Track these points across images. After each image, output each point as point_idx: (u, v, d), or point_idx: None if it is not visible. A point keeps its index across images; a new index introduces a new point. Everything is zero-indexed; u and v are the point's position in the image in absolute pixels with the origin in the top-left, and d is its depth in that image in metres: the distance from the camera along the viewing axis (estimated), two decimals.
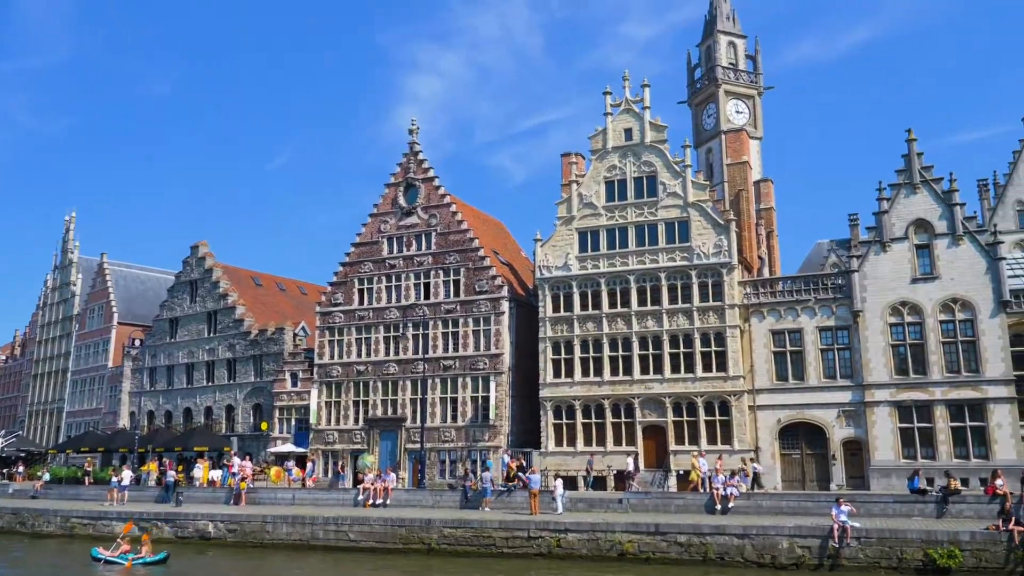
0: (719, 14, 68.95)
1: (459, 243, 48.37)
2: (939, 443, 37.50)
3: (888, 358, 39.19)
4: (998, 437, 36.62)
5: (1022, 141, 63.24)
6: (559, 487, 33.92)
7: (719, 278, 42.33)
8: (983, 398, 37.28)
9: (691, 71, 70.68)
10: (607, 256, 44.63)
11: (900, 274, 39.88)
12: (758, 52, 68.82)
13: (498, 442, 44.57)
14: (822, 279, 42.27)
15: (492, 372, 45.67)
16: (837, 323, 40.55)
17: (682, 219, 43.69)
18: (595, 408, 43.39)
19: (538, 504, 33.31)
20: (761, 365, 41.32)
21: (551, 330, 44.88)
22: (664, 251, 43.58)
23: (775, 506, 32.06)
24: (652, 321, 43.06)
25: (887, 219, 40.62)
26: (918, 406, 38.21)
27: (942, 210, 39.79)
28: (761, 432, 40.61)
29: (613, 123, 46.28)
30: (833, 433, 39.46)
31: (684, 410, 41.79)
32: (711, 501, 32.37)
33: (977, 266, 38.77)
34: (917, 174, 40.56)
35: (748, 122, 65.53)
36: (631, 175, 45.20)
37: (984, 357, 37.69)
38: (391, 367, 48.29)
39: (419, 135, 51.76)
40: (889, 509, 30.21)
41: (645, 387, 42.53)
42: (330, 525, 34.04)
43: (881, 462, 37.93)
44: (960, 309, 38.64)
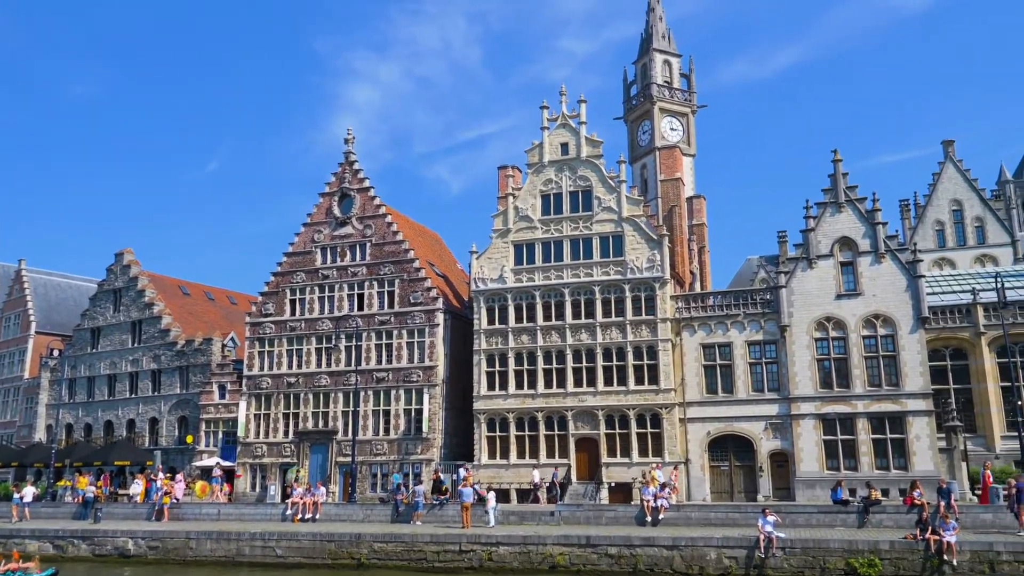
0: (655, 33, 70.19)
1: (394, 254, 47.98)
2: (861, 455, 38.59)
3: (814, 372, 40.21)
4: (917, 449, 37.86)
5: (941, 164, 66.17)
6: (491, 500, 33.77)
7: (652, 292, 42.88)
8: (903, 411, 38.51)
9: (627, 88, 71.73)
10: (542, 269, 44.82)
11: (825, 290, 41.01)
12: (692, 71, 70.25)
13: (431, 455, 44.21)
14: (751, 294, 43.19)
15: (426, 384, 45.33)
16: (765, 337, 41.46)
17: (617, 234, 44.18)
18: (529, 421, 43.42)
19: (470, 517, 33.09)
20: (692, 378, 41.95)
21: (486, 342, 44.79)
22: (599, 265, 43.97)
23: (704, 517, 32.44)
24: (586, 334, 43.35)
25: (814, 237, 41.78)
26: (842, 419, 39.29)
27: (866, 229, 41.10)
28: (691, 444, 41.18)
29: (550, 137, 46.62)
30: (761, 445, 40.26)
31: (616, 422, 42.12)
32: (642, 513, 32.58)
33: (898, 283, 40.10)
34: (842, 194, 41.85)
35: (682, 139, 66.75)
36: (567, 189, 45.55)
37: (904, 371, 38.97)
38: (323, 379, 47.52)
39: (355, 145, 51.32)
40: (813, 519, 30.85)
41: (579, 400, 42.74)
42: (256, 541, 33.14)
43: (806, 473, 38.83)
44: (882, 325, 39.90)
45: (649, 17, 71.80)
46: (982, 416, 40.74)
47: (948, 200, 65.05)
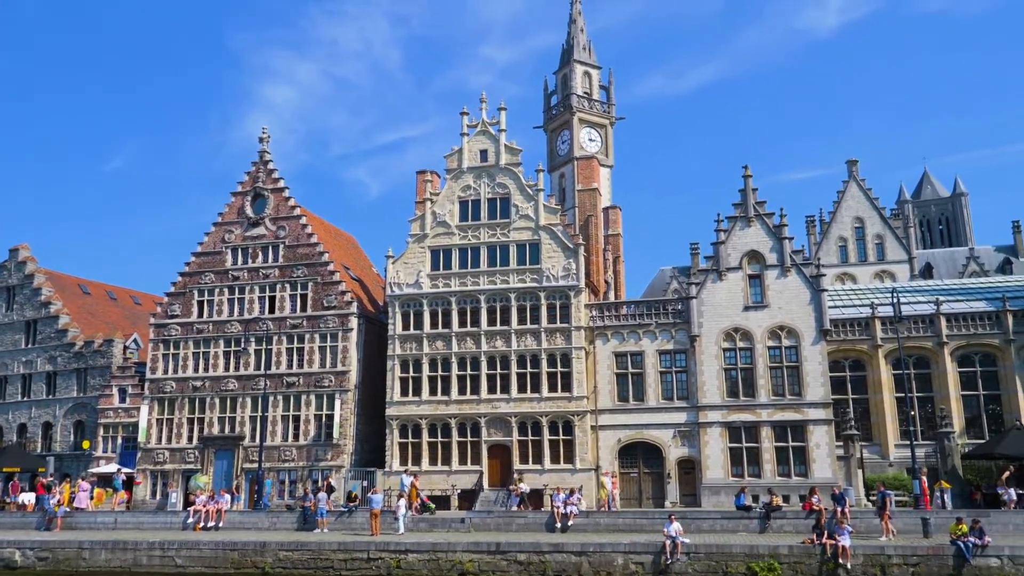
0: (576, 44, 71.12)
1: (308, 256, 47.07)
2: (764, 462, 39.74)
3: (721, 381, 41.23)
4: (816, 456, 39.21)
5: (845, 183, 68.99)
6: (401, 507, 33.41)
7: (567, 301, 43.25)
8: (804, 420, 39.85)
9: (547, 97, 72.45)
10: (459, 275, 44.68)
11: (734, 302, 42.13)
12: (612, 83, 71.46)
13: (341, 461, 43.47)
14: (663, 304, 44.03)
15: (338, 389, 44.57)
16: (676, 347, 42.30)
17: (533, 241, 44.42)
18: (442, 427, 43.15)
19: (379, 524, 32.67)
20: (604, 386, 42.47)
21: (400, 348, 44.36)
22: (515, 272, 44.11)
23: (612, 524, 32.83)
24: (501, 341, 43.40)
25: (724, 250, 42.89)
26: (747, 427, 40.39)
27: (773, 243, 42.43)
28: (602, 451, 41.67)
29: (469, 143, 46.59)
30: (669, 452, 41.03)
31: (529, 429, 42.26)
32: (551, 519, 32.77)
33: (802, 296, 41.50)
34: (752, 208, 43.11)
35: (600, 150, 67.77)
36: (485, 196, 45.58)
37: (806, 381, 40.34)
38: (230, 383, 46.16)
39: (271, 144, 50.20)
40: (717, 525, 31.59)
41: (492, 406, 42.72)
42: (155, 550, 31.94)
43: (712, 480, 39.74)
44: (786, 336, 41.21)
45: (571, 28, 72.75)
46: (878, 425, 42.48)
47: (851, 217, 67.81)
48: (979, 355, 42.12)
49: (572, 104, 68.52)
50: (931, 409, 41.54)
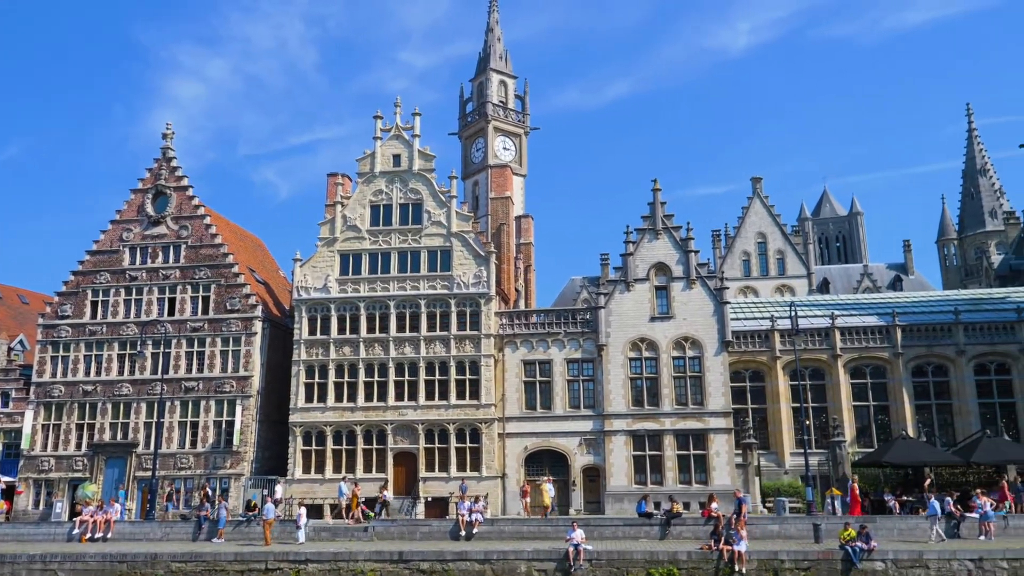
0: (493, 53, 71.40)
1: (212, 258, 45.61)
2: (667, 469, 40.51)
3: (627, 390, 41.86)
4: (716, 464, 40.20)
5: (750, 199, 71.27)
6: (302, 516, 32.64)
7: (477, 308, 43.19)
8: (705, 428, 40.82)
9: (463, 104, 72.46)
10: (368, 280, 44.08)
11: (641, 312, 42.89)
12: (527, 93, 71.96)
13: (241, 469, 42.18)
14: (573, 314, 44.45)
15: (239, 395, 43.26)
16: (583, 356, 42.76)
17: (445, 248, 44.23)
18: (347, 434, 42.39)
19: (270, 533, 31.83)
20: (512, 394, 42.56)
21: (306, 353, 43.41)
22: (426, 279, 43.80)
23: (517, 531, 32.87)
24: (410, 348, 42.99)
25: (632, 261, 43.64)
26: (650, 435, 41.11)
27: (679, 256, 43.41)
28: (509, 459, 41.71)
29: (382, 148, 46.11)
30: (575, 460, 41.38)
31: (436, 437, 41.95)
32: (456, 527, 32.58)
33: (706, 308, 42.57)
34: (660, 221, 44.03)
35: (514, 159, 68.10)
36: (397, 201, 45.16)
37: (708, 391, 41.35)
38: (125, 387, 44.22)
39: (176, 141, 48.57)
40: (619, 532, 31.98)
41: (399, 413, 42.24)
42: (36, 563, 30.22)
43: (616, 487, 40.26)
44: (690, 347, 42.18)
45: (488, 37, 72.99)
46: (775, 434, 43.85)
47: (754, 233, 70.06)
48: (870, 367, 44.02)
49: (487, 112, 68.69)
50: (825, 419, 43.14)
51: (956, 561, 26.52)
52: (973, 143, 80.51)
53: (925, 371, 43.59)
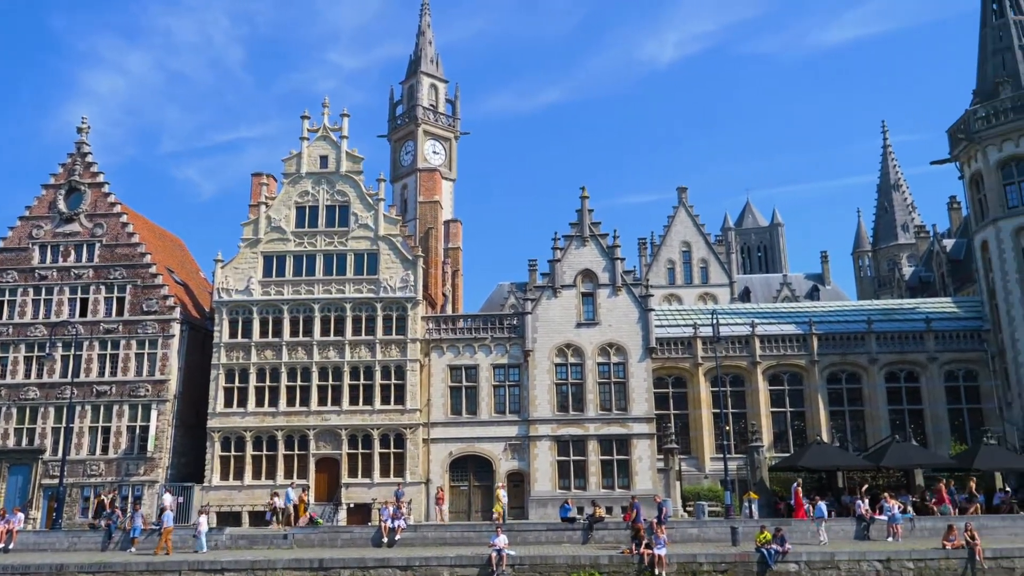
0: (424, 56, 71.11)
1: (128, 257, 44.09)
2: (590, 474, 40.86)
3: (552, 396, 42.09)
4: (639, 469, 40.74)
5: (676, 208, 72.60)
6: (202, 524, 31.81)
7: (404, 312, 42.85)
8: (629, 434, 41.33)
9: (393, 107, 71.94)
10: (292, 283, 43.28)
11: (567, 318, 43.20)
12: (458, 97, 71.88)
13: (155, 476, 40.82)
14: (500, 319, 44.49)
15: (155, 400, 41.89)
16: (510, 361, 42.83)
17: (372, 251, 43.77)
18: (267, 440, 41.46)
19: (170, 542, 30.88)
20: (438, 399, 42.33)
21: (226, 356, 42.33)
22: (352, 282, 43.26)
23: (440, 537, 32.67)
24: (334, 352, 42.35)
25: (559, 267, 43.95)
26: (575, 440, 41.41)
27: (606, 263, 43.90)
28: (433, 464, 41.45)
29: (309, 148, 45.39)
30: (500, 465, 41.39)
31: (360, 442, 41.41)
32: (378, 534, 32.22)
33: (631, 315, 43.14)
34: (588, 229, 44.48)
35: (443, 163, 67.92)
36: (324, 203, 44.50)
37: (632, 397, 41.90)
38: (31, 391, 42.31)
39: (92, 136, 46.89)
40: (543, 537, 32.08)
41: (322, 418, 41.54)
42: None
43: (540, 492, 40.41)
44: (615, 353, 42.67)
45: (419, 40, 72.68)
46: (696, 439, 44.67)
47: (679, 242, 71.42)
48: (787, 374, 45.27)
49: (417, 116, 68.37)
50: (744, 424, 44.16)
51: (866, 562, 27.44)
52: (888, 159, 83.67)
53: (839, 378, 45.05)
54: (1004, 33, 45.98)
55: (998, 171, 43.60)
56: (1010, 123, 42.88)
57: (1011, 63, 45.18)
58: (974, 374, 44.47)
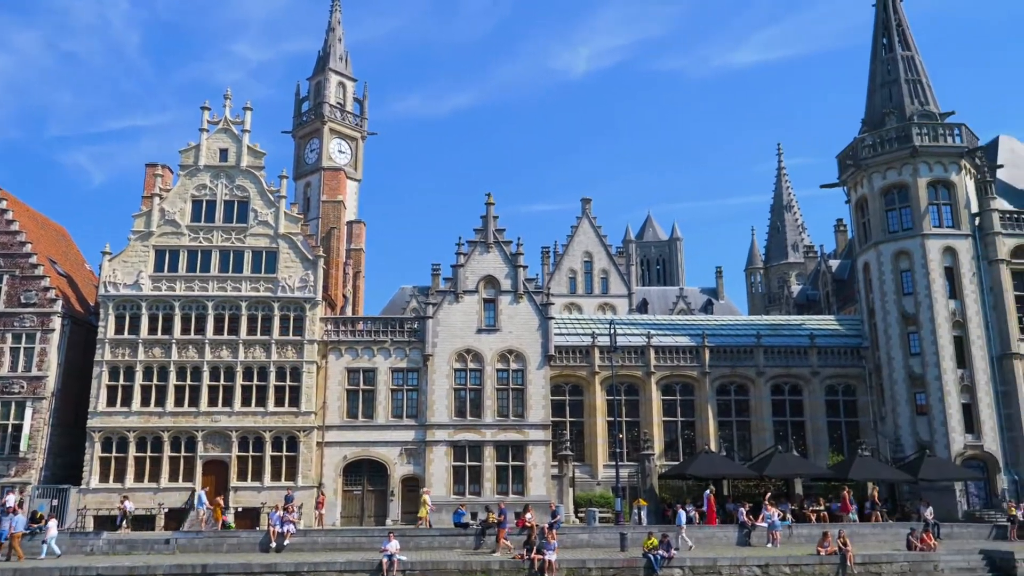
0: (333, 53, 70.06)
1: (5, 246, 41.69)
2: (485, 480, 41.01)
3: (450, 401, 42.07)
4: (533, 475, 41.14)
5: (579, 219, 73.75)
6: (51, 528, 30.42)
7: (302, 313, 42.05)
8: (525, 440, 41.70)
9: (299, 103, 70.57)
10: (186, 279, 41.85)
11: (468, 324, 43.29)
12: (366, 97, 71.11)
13: (28, 477, 38.66)
14: (400, 323, 44.20)
15: (31, 397, 39.73)
16: (409, 365, 42.59)
17: (271, 249, 42.80)
18: (152, 441, 39.87)
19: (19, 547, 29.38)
20: (334, 402, 41.71)
21: (111, 353, 40.53)
22: (249, 280, 42.17)
23: (330, 542, 32.21)
24: (227, 351, 41.16)
25: (462, 272, 44.01)
26: (471, 446, 41.50)
27: (509, 270, 44.22)
28: (327, 468, 40.77)
29: (209, 140, 44.06)
30: (395, 470, 41.06)
31: (251, 445, 40.33)
32: (266, 538, 31.51)
33: (532, 322, 43.57)
34: (492, 235, 44.71)
35: (349, 163, 67.03)
36: (222, 197, 43.25)
37: (529, 404, 42.29)
38: None
39: None
40: (436, 542, 32.06)
41: (212, 419, 40.26)
42: None
43: (435, 497, 40.20)
44: (514, 359, 43.01)
45: (329, 37, 71.58)
46: (590, 447, 45.35)
47: (582, 252, 72.57)
48: (680, 385, 46.54)
49: (324, 113, 67.25)
50: (637, 433, 45.13)
51: (746, 567, 28.51)
52: (781, 180, 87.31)
53: (728, 390, 46.63)
54: (892, 67, 48.71)
55: (881, 197, 46.10)
56: (894, 152, 45.40)
57: (897, 96, 47.90)
58: (852, 389, 46.78)
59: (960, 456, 41.18)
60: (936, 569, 28.87)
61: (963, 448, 41.38)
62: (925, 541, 30.79)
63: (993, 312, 43.29)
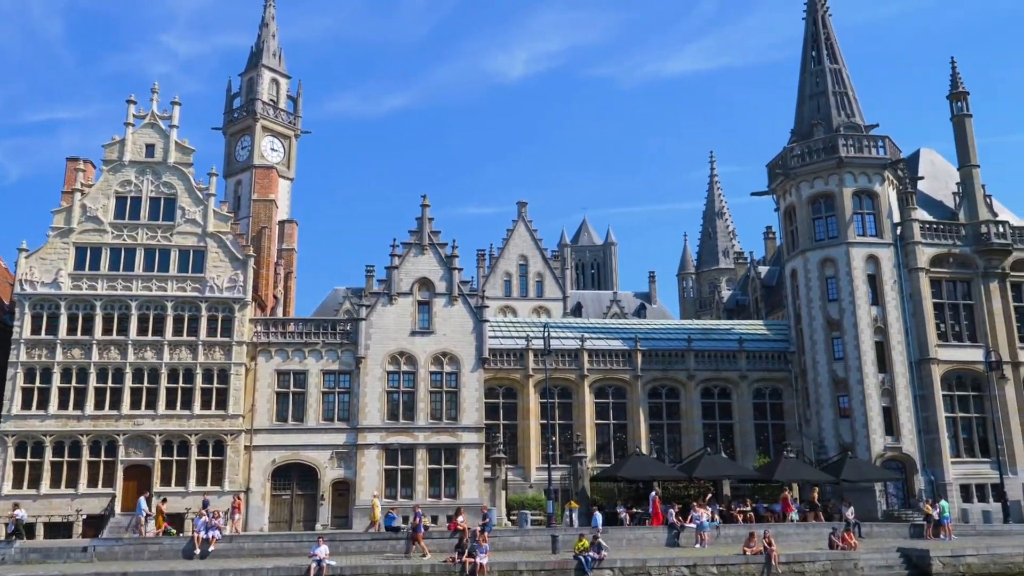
0: (266, 49, 68.76)
1: None
2: (418, 483, 40.72)
3: (383, 403, 41.66)
4: (466, 478, 41.01)
5: (515, 222, 73.92)
6: None
7: (231, 314, 41.12)
8: (458, 443, 41.55)
9: (230, 99, 68.98)
10: (108, 278, 40.54)
11: (402, 326, 42.95)
12: (300, 95, 69.94)
13: None
14: (333, 324, 43.60)
15: None
16: (341, 367, 42.02)
17: (199, 248, 41.78)
18: (71, 445, 38.48)
19: None
20: (263, 405, 40.89)
21: (26, 354, 38.98)
22: (175, 279, 41.09)
23: (257, 548, 31.50)
24: (152, 353, 39.98)
25: (397, 274, 43.65)
26: (403, 449, 41.17)
27: (444, 272, 44.03)
28: (254, 473, 39.93)
29: (135, 135, 42.83)
30: (325, 474, 40.43)
31: (175, 449, 39.25)
32: (191, 545, 30.65)
33: (466, 325, 43.45)
34: (427, 237, 44.49)
35: (282, 161, 65.83)
36: (148, 194, 42.06)
37: (463, 406, 42.16)
38: None
39: None
40: (366, 546, 31.63)
41: (134, 423, 39.04)
42: None
43: (366, 501, 39.72)
44: (448, 362, 42.82)
45: (262, 32, 70.23)
46: (523, 449, 45.43)
47: (517, 255, 72.76)
48: (612, 388, 46.97)
49: (256, 110, 65.89)
50: (570, 435, 45.36)
51: (675, 567, 28.82)
52: (714, 187, 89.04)
53: (660, 393, 47.25)
54: (820, 80, 50.12)
55: (809, 206, 47.36)
56: (821, 162, 46.70)
57: (825, 107, 49.30)
58: (779, 392, 47.90)
59: (880, 457, 42.54)
60: (856, 567, 29.65)
61: (883, 450, 42.76)
62: (846, 540, 31.62)
63: (912, 318, 44.86)
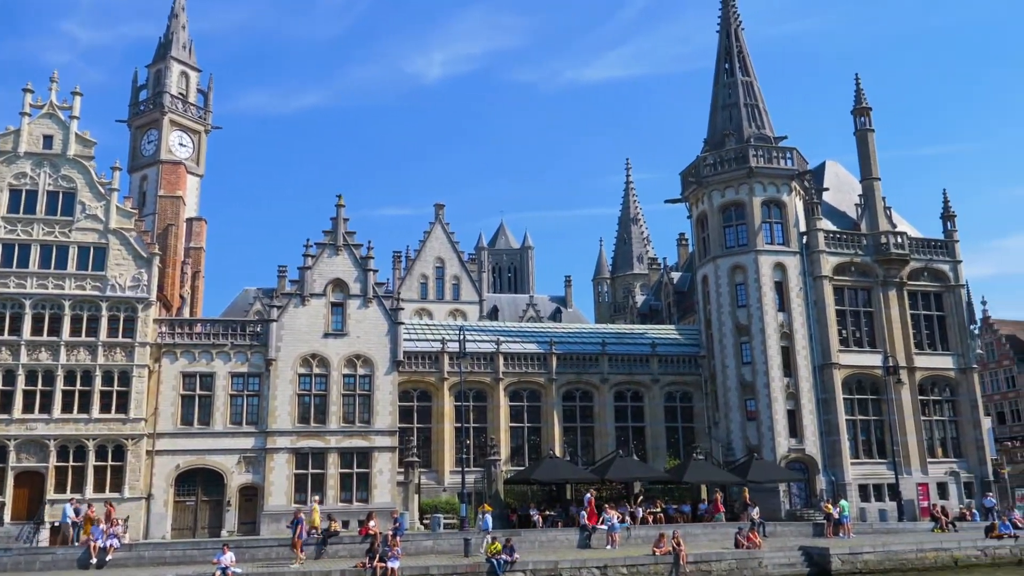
0: (176, 40, 66.42)
1: None
2: (329, 488, 39.94)
3: (294, 407, 40.73)
4: (379, 482, 40.46)
5: (432, 224, 73.56)
6: None
7: (133, 314, 39.56)
8: (371, 447, 40.97)
9: (136, 91, 66.29)
10: (0, 275, 38.41)
11: (315, 328, 42.11)
12: (211, 89, 67.76)
13: None
14: (242, 325, 42.42)
15: None
16: (250, 370, 40.91)
17: (100, 245, 40.07)
18: None
19: None
20: (167, 408, 39.46)
21: None
22: (74, 277, 39.30)
23: (158, 556, 30.39)
24: (47, 353, 38.10)
25: (310, 275, 42.79)
26: (315, 453, 40.33)
27: (358, 274, 43.38)
28: (156, 478, 38.46)
29: (31, 126, 40.81)
30: (232, 479, 39.26)
31: (72, 454, 37.46)
32: (86, 554, 29.27)
33: (381, 327, 42.91)
34: (342, 237, 43.75)
35: (191, 157, 63.63)
36: (45, 187, 40.11)
37: (376, 409, 41.60)
38: None
39: None
40: (273, 553, 30.85)
41: (27, 427, 37.12)
42: None
43: (274, 507, 38.80)
44: (362, 365, 42.19)
45: (171, 23, 67.79)
46: (437, 452, 45.14)
47: (434, 257, 72.39)
48: (527, 391, 47.17)
49: (164, 103, 63.50)
50: (484, 439, 45.33)
51: (586, 569, 29.06)
52: (629, 194, 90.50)
53: (574, 396, 47.69)
54: (732, 91, 51.55)
55: (720, 214, 48.61)
56: (732, 172, 48.01)
57: (736, 118, 50.73)
58: (689, 395, 48.98)
59: (785, 459, 43.94)
60: (760, 566, 30.50)
61: (787, 451, 44.19)
62: (751, 539, 32.53)
63: (816, 324, 46.54)
